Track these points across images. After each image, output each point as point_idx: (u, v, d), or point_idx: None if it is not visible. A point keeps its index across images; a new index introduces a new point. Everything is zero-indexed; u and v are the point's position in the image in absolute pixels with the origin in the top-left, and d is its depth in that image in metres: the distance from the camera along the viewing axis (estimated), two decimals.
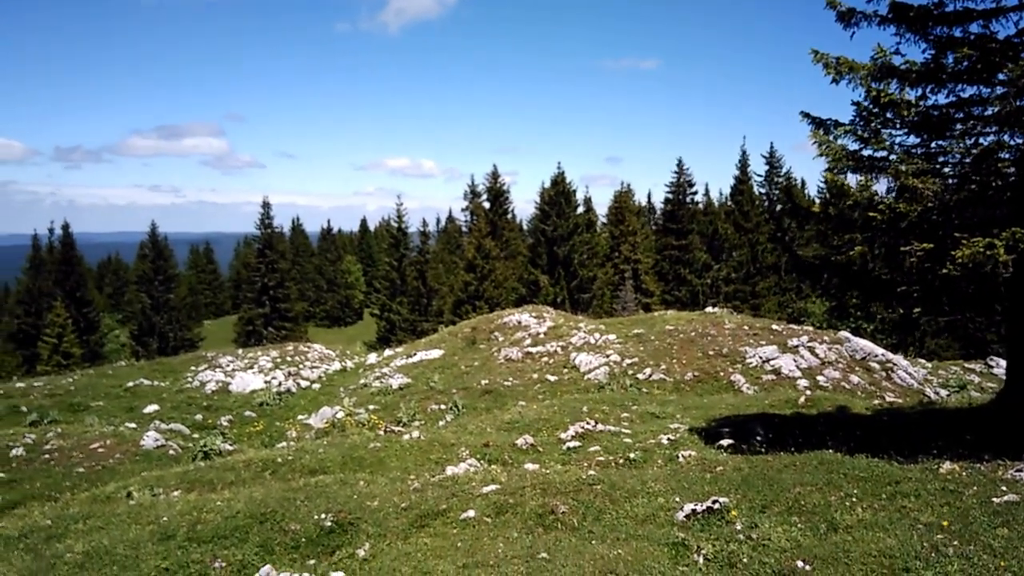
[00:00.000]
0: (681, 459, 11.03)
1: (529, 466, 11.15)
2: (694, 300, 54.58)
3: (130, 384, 26.79)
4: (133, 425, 21.43)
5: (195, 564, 7.61)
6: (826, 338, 21.81)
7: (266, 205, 65.37)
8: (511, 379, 21.73)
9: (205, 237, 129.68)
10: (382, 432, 15.40)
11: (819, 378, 19.09)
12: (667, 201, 62.11)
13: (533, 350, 23.84)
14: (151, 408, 23.74)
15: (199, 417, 22.85)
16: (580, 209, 58.06)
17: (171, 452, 17.89)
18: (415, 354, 27.09)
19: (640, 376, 20.17)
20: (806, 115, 10.67)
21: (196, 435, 20.36)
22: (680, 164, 61.31)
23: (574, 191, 55.02)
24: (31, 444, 18.00)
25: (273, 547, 8.04)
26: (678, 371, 20.35)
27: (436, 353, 26.50)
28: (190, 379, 27.38)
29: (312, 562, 7.67)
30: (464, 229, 76.72)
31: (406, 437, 13.93)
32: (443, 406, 19.86)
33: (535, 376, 21.72)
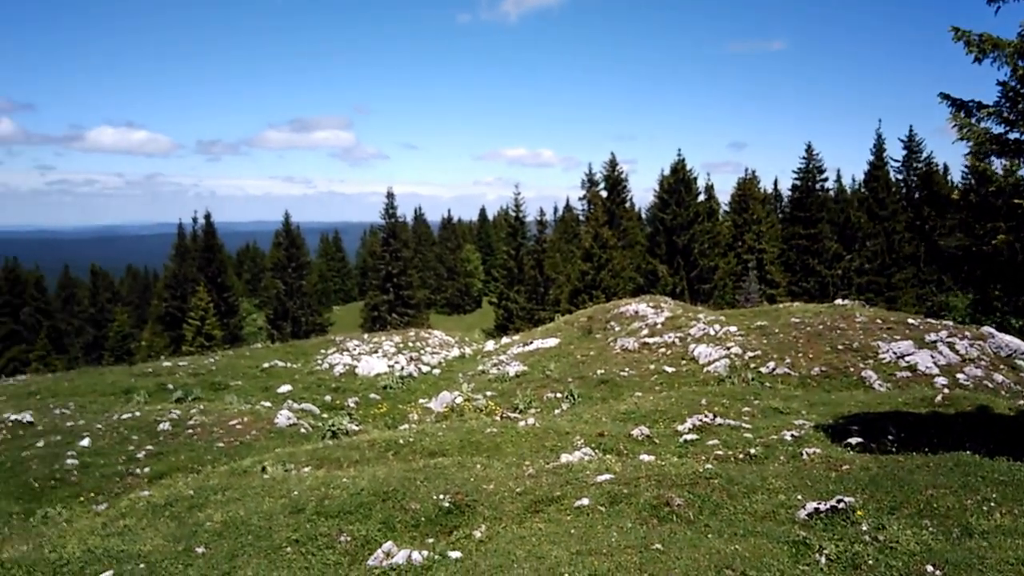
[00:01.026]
0: (805, 456, 10.73)
1: (644, 457, 11.12)
2: (823, 292, 52.41)
3: (266, 365, 28.34)
4: (268, 404, 22.69)
5: (323, 537, 8.03)
6: (967, 333, 20.54)
7: (390, 195, 67.35)
8: (627, 369, 21.61)
9: (334, 226, 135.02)
10: (499, 418, 15.69)
11: (959, 376, 18.03)
12: (795, 188, 59.77)
13: (650, 341, 23.61)
14: (284, 388, 25.05)
15: (328, 398, 23.93)
16: (701, 197, 56.84)
17: (302, 430, 18.84)
18: (532, 342, 27.35)
19: (763, 370, 19.64)
20: (945, 96, 10.11)
21: (325, 415, 21.35)
22: (809, 149, 58.88)
23: (695, 178, 53.94)
24: (176, 420, 19.37)
25: (394, 524, 8.38)
26: (804, 365, 19.69)
27: (552, 342, 26.67)
28: (320, 362, 28.69)
29: (431, 540, 7.95)
30: (581, 218, 76.54)
31: (522, 424, 14.14)
32: (559, 395, 19.99)
33: (652, 367, 21.52)
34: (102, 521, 9.14)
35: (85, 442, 17.84)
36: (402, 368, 26.90)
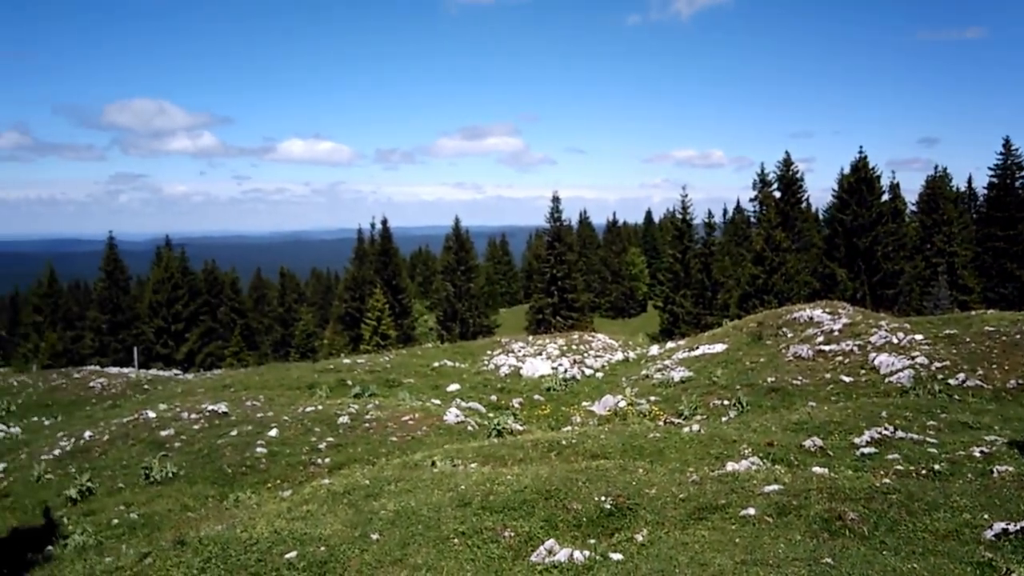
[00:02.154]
0: (995, 474, 9.88)
1: (816, 469, 10.63)
2: (1022, 298, 47.86)
3: (436, 364, 29.46)
4: (438, 402, 23.57)
5: (487, 531, 8.26)
6: None
7: (556, 199, 68.02)
8: (800, 378, 20.70)
9: (501, 230, 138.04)
10: (662, 423, 15.50)
11: None
12: (991, 186, 55.01)
13: (826, 348, 22.49)
14: (453, 387, 25.93)
15: (493, 398, 24.54)
16: (885, 197, 53.45)
17: (469, 428, 19.43)
18: (698, 347, 26.78)
19: (951, 381, 18.22)
20: None
21: (490, 414, 21.90)
22: (1007, 144, 54.05)
23: (878, 177, 50.81)
24: (354, 414, 20.52)
25: (557, 523, 8.49)
26: (998, 378, 18.09)
27: (719, 347, 25.98)
28: (486, 362, 29.47)
29: (592, 541, 7.99)
30: (752, 220, 74.02)
31: (686, 430, 13.89)
32: (725, 402, 19.47)
33: (827, 376, 20.49)
34: (287, 506, 9.85)
35: (273, 433, 19.28)
36: (565, 371, 27.12)
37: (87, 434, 21.33)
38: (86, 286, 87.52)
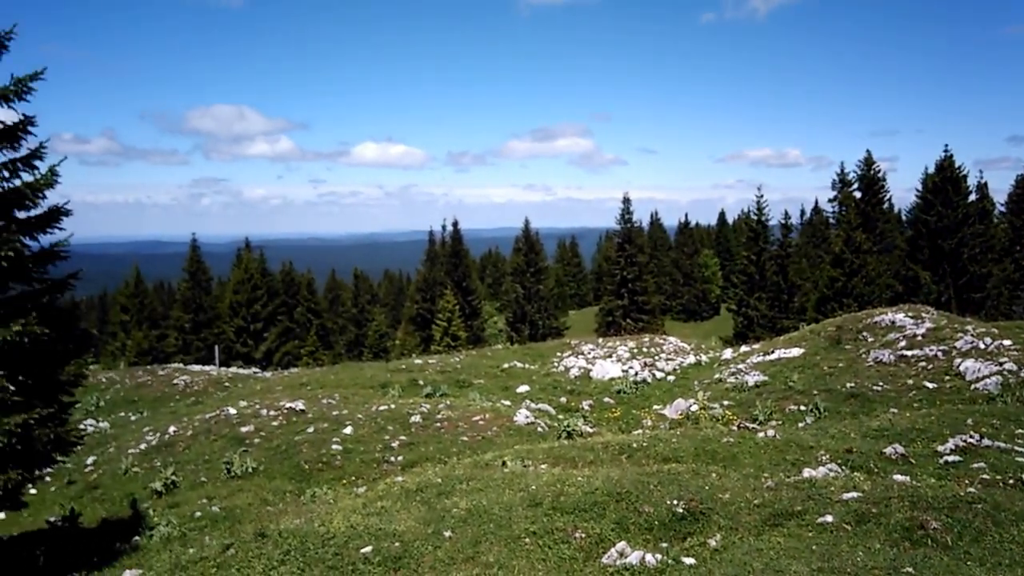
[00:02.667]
0: None
1: (897, 477, 10.31)
2: None
3: (505, 366, 29.61)
4: (507, 402, 23.68)
5: (559, 531, 8.29)
6: None
7: (626, 201, 67.52)
8: (880, 383, 20.09)
9: (571, 232, 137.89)
10: (736, 428, 15.23)
11: None
12: None
13: (908, 353, 21.76)
14: (523, 388, 26.02)
15: (563, 400, 24.52)
16: (972, 197, 51.41)
17: (539, 429, 19.47)
18: (773, 351, 26.23)
19: None
20: None
21: (560, 416, 21.90)
22: None
23: (964, 176, 48.91)
24: (426, 413, 20.79)
25: (628, 525, 8.45)
26: None
27: (796, 352, 25.40)
28: (556, 364, 29.47)
29: (664, 544, 7.93)
30: (831, 221, 72.11)
31: (761, 435, 13.63)
32: (802, 407, 19.03)
33: (909, 382, 19.82)
34: (362, 502, 10.06)
35: (348, 430, 19.69)
36: (636, 373, 26.91)
37: (171, 429, 22.16)
38: (170, 286, 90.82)
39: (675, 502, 8.79)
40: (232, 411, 22.73)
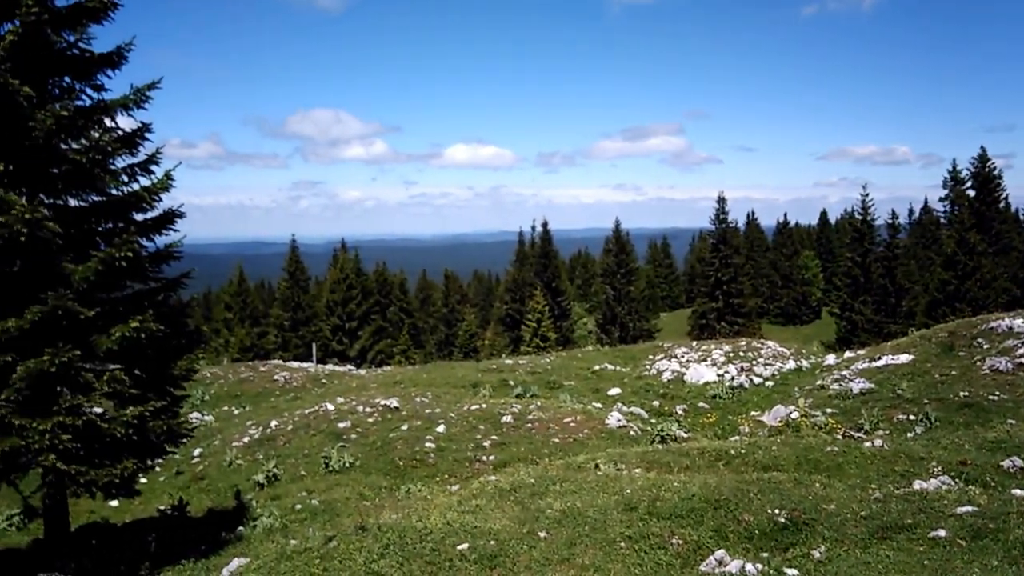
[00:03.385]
0: None
1: (1016, 491, 9.72)
2: None
3: (596, 368, 29.44)
4: (599, 405, 23.54)
5: (655, 537, 8.17)
6: None
7: (721, 200, 66.17)
8: (997, 393, 19.02)
9: (663, 232, 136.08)
10: (840, 437, 14.71)
11: None
12: None
13: None
14: (614, 391, 25.82)
15: (656, 403, 24.21)
16: None
17: (631, 433, 19.27)
18: (879, 358, 25.18)
19: None
20: None
21: (653, 420, 21.63)
22: None
23: None
24: (517, 414, 20.87)
25: (727, 533, 8.26)
26: None
27: (904, 358, 24.31)
28: (648, 367, 29.11)
29: (765, 555, 7.71)
30: (942, 221, 68.88)
31: (867, 445, 13.11)
32: (911, 416, 18.21)
33: None
34: (457, 499, 10.17)
35: (440, 429, 19.96)
36: (732, 378, 26.32)
37: (273, 424, 22.95)
38: (270, 286, 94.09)
39: (777, 511, 8.54)
40: (330, 407, 23.37)
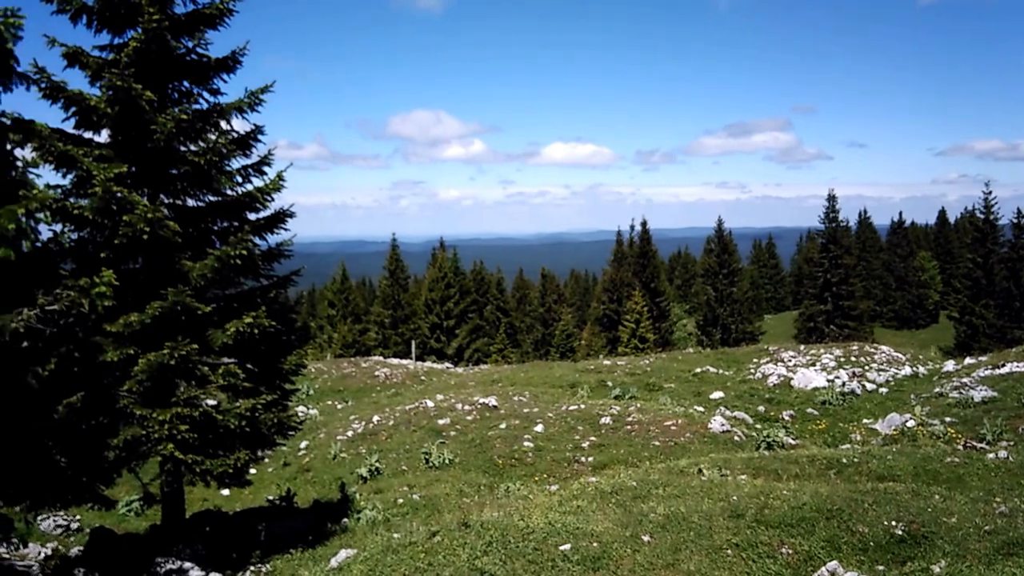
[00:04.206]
0: None
1: None
2: None
3: (697, 370, 28.83)
4: (701, 408, 23.03)
5: (763, 545, 7.90)
6: None
7: (831, 198, 63.87)
8: None
9: (767, 231, 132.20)
10: (960, 447, 13.91)
11: None
12: None
13: None
14: (716, 395, 25.21)
15: (761, 408, 23.50)
16: None
17: (735, 438, 18.77)
18: (1004, 365, 23.70)
19: None
20: None
21: (758, 425, 21.00)
22: None
23: None
24: (616, 415, 20.64)
25: (839, 544, 7.93)
26: None
27: None
28: (752, 371, 28.30)
29: (880, 568, 7.36)
30: None
31: (990, 456, 12.36)
32: None
33: None
34: (558, 500, 10.11)
35: (539, 428, 19.94)
36: (843, 384, 25.28)
37: (375, 419, 23.46)
38: (371, 283, 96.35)
39: (893, 523, 8.14)
40: (430, 404, 23.72)
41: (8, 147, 7.27)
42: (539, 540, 8.07)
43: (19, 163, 7.27)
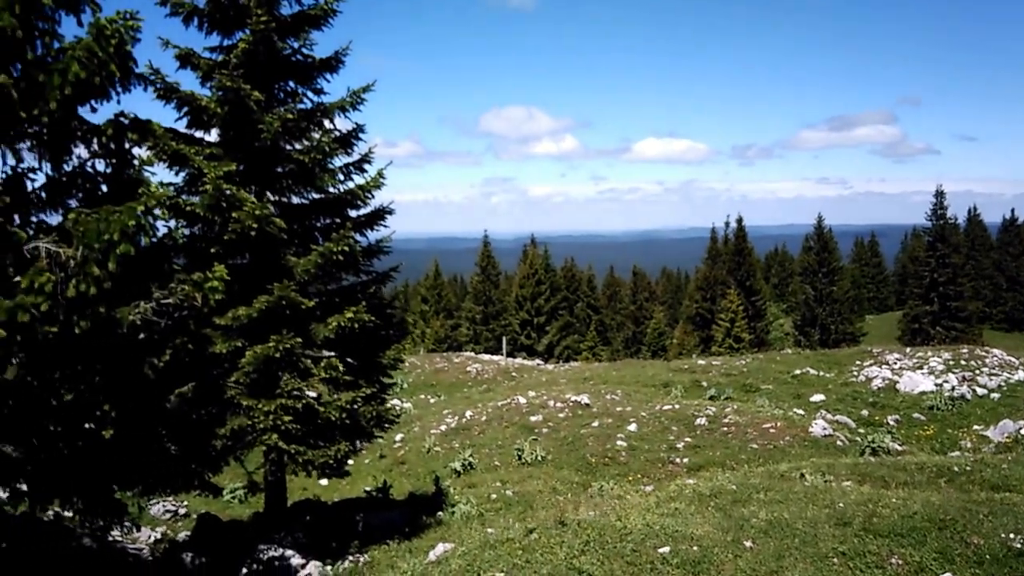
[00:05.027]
0: None
1: None
2: None
3: (797, 372, 27.98)
4: (800, 411, 22.35)
5: (871, 555, 7.59)
6: None
7: (939, 194, 61.06)
8: None
9: (870, 229, 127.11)
10: None
11: None
12: None
13: None
14: (817, 397, 24.40)
15: (864, 412, 22.62)
16: None
17: (838, 443, 18.14)
18: None
19: None
20: None
21: (861, 430, 20.24)
22: None
23: None
24: (712, 416, 20.24)
25: (953, 556, 7.55)
26: None
27: None
28: (855, 373, 27.27)
29: None
30: None
31: None
32: None
33: None
34: (655, 501, 9.95)
35: (632, 427, 19.75)
36: (952, 388, 24.08)
37: (468, 414, 23.71)
38: (462, 280, 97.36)
39: (1011, 536, 7.71)
40: (522, 400, 23.80)
41: (127, 146, 7.60)
42: (637, 541, 7.96)
43: (135, 162, 7.61)
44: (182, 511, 16.43)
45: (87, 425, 7.32)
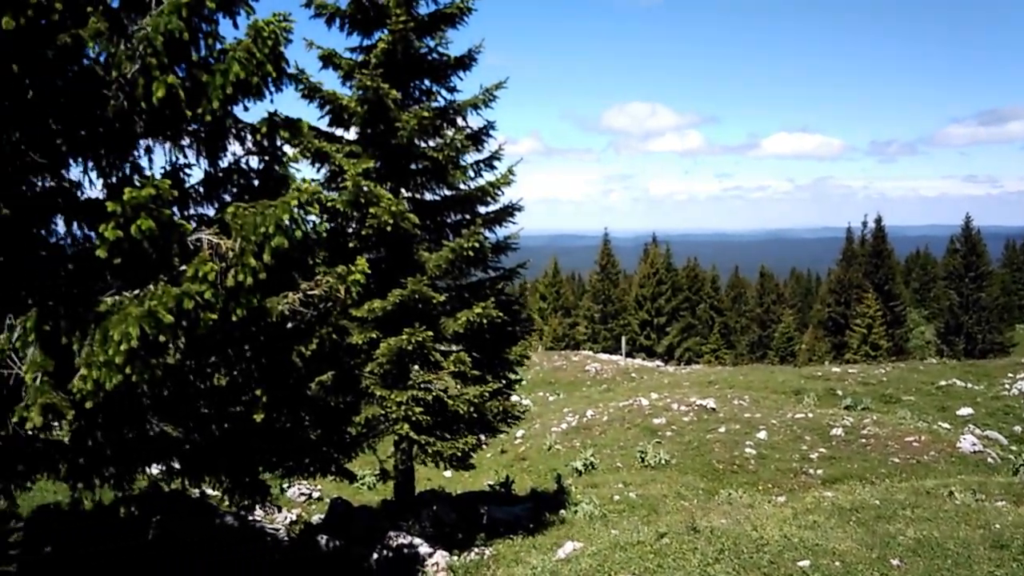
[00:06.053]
0: None
1: None
2: None
3: (942, 383, 26.31)
4: (947, 425, 21.02)
5: None
6: None
7: None
8: None
9: (1023, 231, 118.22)
10: None
11: None
12: None
13: None
14: (964, 411, 22.85)
15: (1017, 428, 21.02)
16: None
17: (989, 460, 16.94)
18: None
19: None
20: None
21: (1014, 447, 18.82)
22: None
23: None
24: (849, 427, 19.31)
25: None
26: None
27: None
28: (1006, 386, 25.38)
29: None
30: None
31: None
32: None
33: None
34: (791, 512, 9.55)
35: (762, 435, 19.09)
36: None
37: (588, 413, 23.59)
38: (580, 277, 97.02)
39: None
40: (644, 402, 23.46)
41: (278, 143, 7.90)
42: (774, 553, 7.64)
43: (284, 159, 7.91)
44: (316, 494, 17.06)
45: (237, 408, 7.67)
